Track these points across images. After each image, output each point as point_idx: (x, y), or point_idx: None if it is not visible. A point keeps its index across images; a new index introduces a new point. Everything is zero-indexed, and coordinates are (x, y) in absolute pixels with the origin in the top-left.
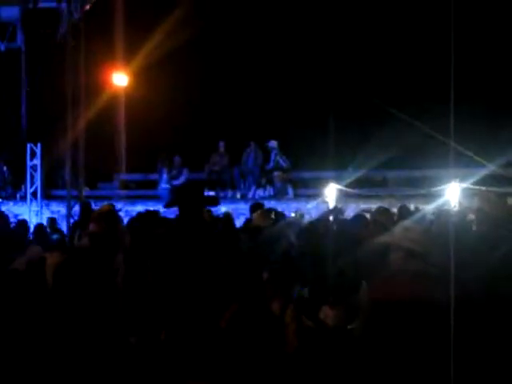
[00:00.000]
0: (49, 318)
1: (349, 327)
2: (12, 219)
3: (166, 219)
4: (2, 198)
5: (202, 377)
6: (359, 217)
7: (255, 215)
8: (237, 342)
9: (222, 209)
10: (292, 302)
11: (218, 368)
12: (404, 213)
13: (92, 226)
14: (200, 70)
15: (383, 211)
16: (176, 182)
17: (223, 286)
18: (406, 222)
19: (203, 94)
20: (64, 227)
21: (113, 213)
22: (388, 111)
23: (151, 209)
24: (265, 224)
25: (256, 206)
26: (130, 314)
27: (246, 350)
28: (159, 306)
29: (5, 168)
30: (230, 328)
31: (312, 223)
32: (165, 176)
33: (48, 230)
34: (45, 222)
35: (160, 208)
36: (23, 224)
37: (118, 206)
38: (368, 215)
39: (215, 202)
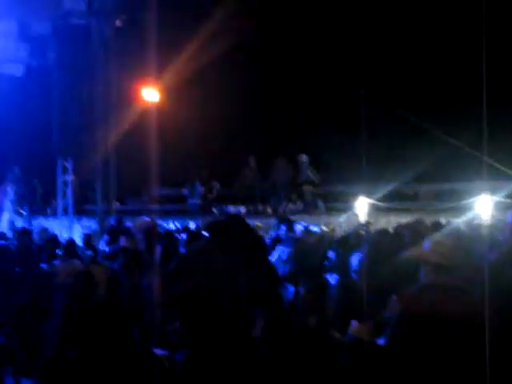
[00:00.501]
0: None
1: (378, 342)
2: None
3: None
4: (34, 213)
5: None
6: (388, 231)
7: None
8: (274, 356)
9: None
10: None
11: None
12: (436, 228)
13: (125, 241)
14: (231, 86)
15: (418, 223)
16: (210, 196)
17: (254, 299)
18: (436, 236)
19: (233, 109)
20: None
21: (151, 228)
22: (418, 125)
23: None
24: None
25: (282, 221)
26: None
27: (284, 363)
28: (191, 322)
29: (36, 183)
30: (267, 341)
31: (343, 237)
32: (196, 190)
33: (82, 245)
34: (78, 238)
35: (190, 224)
36: (53, 239)
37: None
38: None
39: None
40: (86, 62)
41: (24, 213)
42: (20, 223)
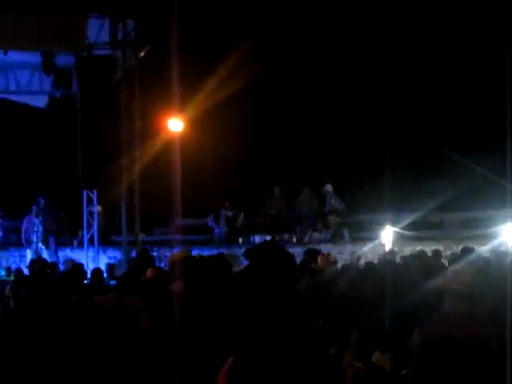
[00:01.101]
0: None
1: (403, 373)
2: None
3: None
4: (61, 245)
5: None
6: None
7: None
8: None
9: None
10: (348, 346)
11: None
12: (466, 253)
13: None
14: (254, 116)
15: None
16: (236, 225)
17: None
18: (459, 265)
19: (258, 139)
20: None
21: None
22: (443, 154)
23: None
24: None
25: (311, 252)
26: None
27: None
28: (211, 353)
29: (62, 214)
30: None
31: (368, 266)
32: (222, 220)
33: (106, 275)
34: (103, 268)
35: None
36: (79, 268)
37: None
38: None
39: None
40: (110, 92)
41: (51, 245)
42: (46, 255)
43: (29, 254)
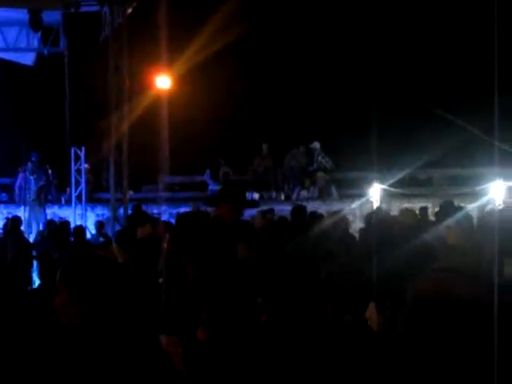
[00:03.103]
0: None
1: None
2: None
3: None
4: (48, 202)
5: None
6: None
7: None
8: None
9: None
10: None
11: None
12: (447, 208)
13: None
14: (242, 73)
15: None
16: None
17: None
18: (448, 222)
19: (246, 97)
20: (109, 230)
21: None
22: (432, 111)
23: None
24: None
25: (298, 209)
26: (169, 313)
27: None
28: (200, 305)
29: (50, 172)
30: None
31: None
32: (218, 177)
33: (95, 232)
34: (92, 226)
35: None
36: (65, 225)
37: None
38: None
39: (255, 204)
40: (98, 49)
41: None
42: (37, 212)
43: (23, 211)
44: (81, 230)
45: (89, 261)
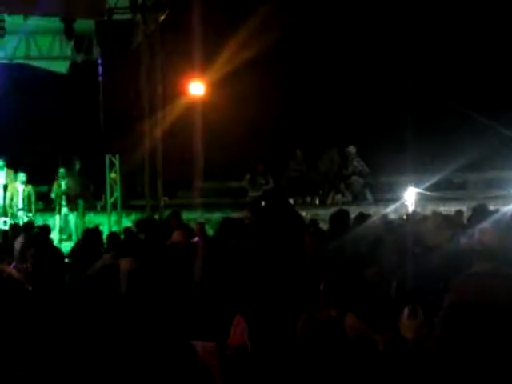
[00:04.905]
0: (119, 320)
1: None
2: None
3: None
4: (84, 209)
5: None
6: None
7: None
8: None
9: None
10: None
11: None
12: (479, 212)
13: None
14: (277, 78)
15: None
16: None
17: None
18: (483, 225)
19: (280, 102)
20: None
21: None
22: (466, 114)
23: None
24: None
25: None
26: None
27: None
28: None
29: (86, 179)
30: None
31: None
32: (256, 183)
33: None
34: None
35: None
36: (96, 233)
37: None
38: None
39: None
40: (131, 57)
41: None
42: (73, 219)
43: (58, 219)
44: (114, 236)
45: None
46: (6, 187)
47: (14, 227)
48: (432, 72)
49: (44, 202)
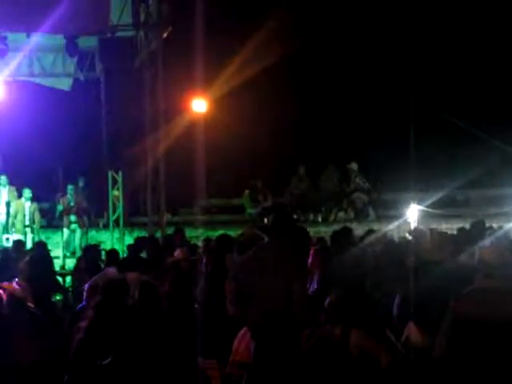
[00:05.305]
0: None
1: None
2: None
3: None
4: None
5: None
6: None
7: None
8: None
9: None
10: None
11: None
12: (478, 229)
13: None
14: (277, 96)
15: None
16: (266, 205)
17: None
18: (485, 242)
19: (281, 119)
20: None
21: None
22: (469, 131)
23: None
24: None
25: (342, 232)
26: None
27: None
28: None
29: (88, 196)
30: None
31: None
32: (255, 200)
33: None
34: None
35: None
36: (94, 249)
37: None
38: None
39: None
40: (133, 74)
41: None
42: (79, 235)
43: (66, 233)
44: (114, 253)
45: None
46: (8, 204)
47: (18, 244)
48: (434, 89)
49: (46, 219)
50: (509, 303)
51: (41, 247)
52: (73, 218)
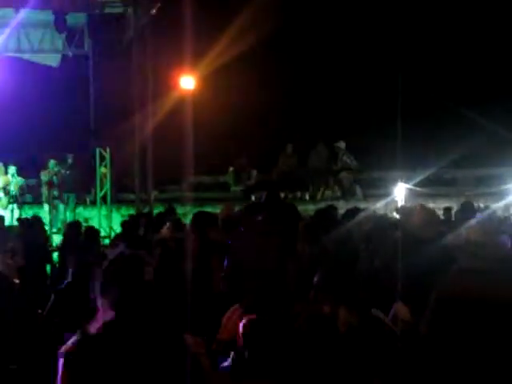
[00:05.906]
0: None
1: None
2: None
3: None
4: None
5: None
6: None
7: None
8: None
9: None
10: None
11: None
12: (467, 209)
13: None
14: (266, 73)
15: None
16: (249, 183)
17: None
18: (471, 222)
19: (270, 97)
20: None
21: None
22: (456, 111)
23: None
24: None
25: (327, 210)
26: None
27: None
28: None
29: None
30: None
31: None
32: (238, 178)
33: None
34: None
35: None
36: (75, 226)
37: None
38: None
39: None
40: (122, 50)
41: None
42: (62, 211)
43: (47, 208)
44: (93, 230)
45: None
46: None
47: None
48: (422, 68)
49: (32, 195)
50: (492, 283)
51: (38, 220)
52: (55, 193)
